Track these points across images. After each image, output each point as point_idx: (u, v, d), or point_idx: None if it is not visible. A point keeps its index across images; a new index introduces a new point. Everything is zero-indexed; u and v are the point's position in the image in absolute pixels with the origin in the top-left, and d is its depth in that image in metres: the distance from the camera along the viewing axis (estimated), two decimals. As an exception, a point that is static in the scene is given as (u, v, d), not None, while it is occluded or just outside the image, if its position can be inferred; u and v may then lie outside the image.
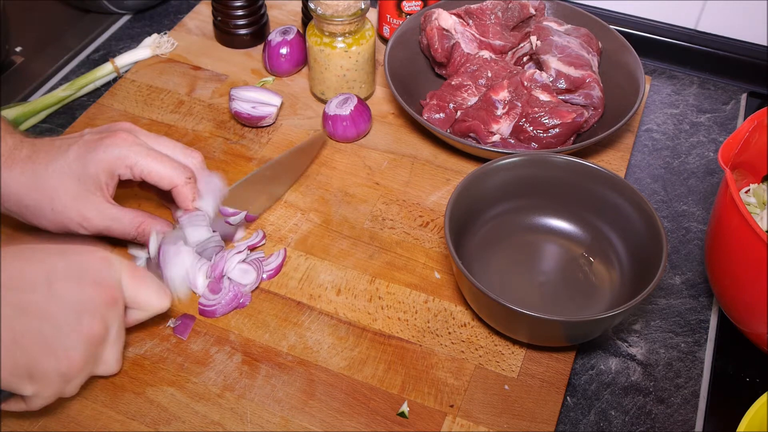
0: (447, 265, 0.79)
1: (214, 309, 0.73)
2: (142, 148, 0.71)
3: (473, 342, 0.73)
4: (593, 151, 0.90)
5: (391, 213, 0.84)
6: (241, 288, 0.74)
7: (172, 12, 1.10)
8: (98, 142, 0.70)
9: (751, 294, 0.65)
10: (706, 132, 0.95)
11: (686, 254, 0.83)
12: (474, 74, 0.91)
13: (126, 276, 0.63)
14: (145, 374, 0.69)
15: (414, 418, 0.67)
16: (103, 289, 0.60)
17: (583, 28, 0.95)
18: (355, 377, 0.70)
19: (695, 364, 0.73)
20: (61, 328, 0.58)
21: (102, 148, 0.70)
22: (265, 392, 0.68)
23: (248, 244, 0.78)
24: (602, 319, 0.66)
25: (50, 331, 0.57)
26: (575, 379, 0.72)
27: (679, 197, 0.88)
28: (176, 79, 0.98)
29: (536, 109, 0.85)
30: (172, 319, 0.73)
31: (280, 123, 0.93)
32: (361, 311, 0.75)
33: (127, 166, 0.71)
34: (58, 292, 0.58)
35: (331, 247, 0.80)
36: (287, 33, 0.97)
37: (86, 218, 0.70)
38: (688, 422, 0.69)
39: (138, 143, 0.71)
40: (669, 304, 0.78)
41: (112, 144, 0.70)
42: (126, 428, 0.66)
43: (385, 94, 0.97)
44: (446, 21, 0.93)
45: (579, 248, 0.79)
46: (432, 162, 0.89)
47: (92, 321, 0.59)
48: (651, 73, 1.03)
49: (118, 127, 0.73)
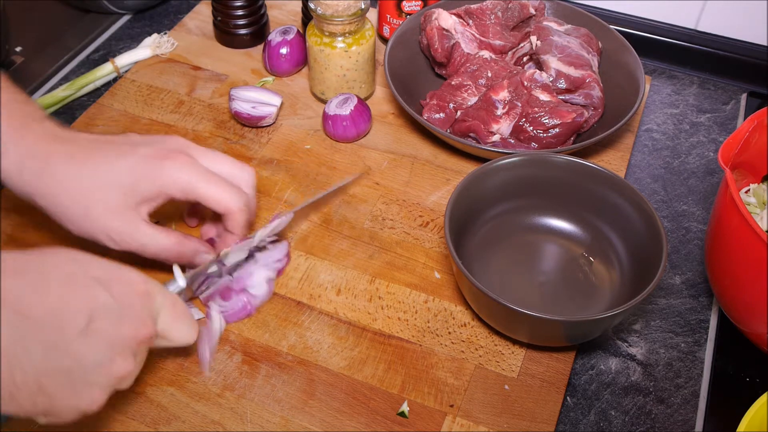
0: (447, 265, 0.79)
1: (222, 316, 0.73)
2: (202, 172, 0.69)
3: (473, 342, 0.73)
4: (593, 151, 0.90)
5: (391, 213, 0.84)
6: (253, 300, 0.74)
7: (172, 12, 1.10)
8: (158, 161, 0.67)
9: (751, 294, 0.65)
10: (706, 132, 0.95)
11: (686, 254, 0.83)
12: (474, 74, 0.91)
13: (165, 312, 0.60)
14: (145, 374, 0.69)
15: (414, 418, 0.67)
16: (140, 329, 0.57)
17: (583, 28, 0.95)
18: (355, 377, 0.70)
19: (695, 364, 0.73)
20: (90, 368, 0.54)
21: (163, 169, 0.67)
22: (265, 392, 0.68)
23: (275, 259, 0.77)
24: (602, 319, 0.66)
25: (78, 371, 0.54)
26: (575, 379, 0.72)
27: (679, 197, 0.88)
28: (176, 79, 0.98)
29: (536, 109, 0.85)
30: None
31: (280, 123, 0.93)
32: (361, 311, 0.75)
33: (182, 189, 0.68)
34: (95, 330, 0.54)
35: (331, 247, 0.80)
36: (287, 33, 0.97)
37: (120, 232, 0.68)
38: (688, 422, 0.69)
39: (197, 167, 0.69)
40: (669, 304, 0.78)
41: (172, 167, 0.67)
42: (126, 428, 0.66)
43: (385, 94, 0.97)
44: (446, 21, 0.93)
45: (579, 248, 0.79)
46: (432, 162, 0.89)
47: (125, 361, 0.56)
48: (651, 73, 1.03)
49: (175, 146, 0.69)
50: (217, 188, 0.69)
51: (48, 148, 0.66)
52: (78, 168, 0.66)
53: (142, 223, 0.69)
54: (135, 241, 0.69)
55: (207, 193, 0.69)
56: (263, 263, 0.76)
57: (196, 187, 0.68)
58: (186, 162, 0.68)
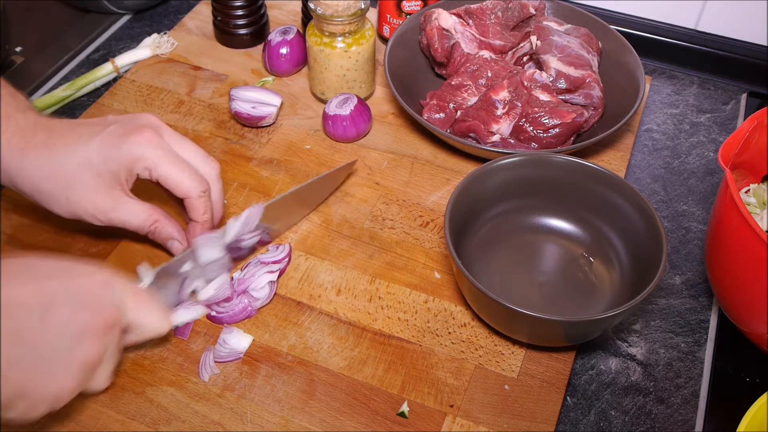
0: (447, 265, 0.79)
1: (222, 317, 0.73)
2: (165, 151, 0.70)
3: (473, 342, 0.73)
4: (593, 151, 0.90)
5: (391, 213, 0.84)
6: (254, 302, 0.74)
7: (172, 12, 1.10)
8: (122, 138, 0.69)
9: (751, 294, 0.65)
10: (706, 132, 0.95)
11: (686, 254, 0.83)
12: (474, 74, 0.91)
13: (128, 299, 0.61)
14: (145, 374, 0.69)
15: (414, 418, 0.67)
16: (101, 315, 0.58)
17: (583, 28, 0.95)
18: (355, 377, 0.70)
19: (695, 364, 0.73)
20: (56, 354, 0.56)
21: (126, 145, 0.68)
22: (265, 392, 0.68)
23: (274, 260, 0.77)
24: (602, 319, 0.66)
25: (45, 358, 0.55)
26: (575, 379, 0.72)
27: (679, 197, 0.88)
28: (176, 79, 0.98)
29: (536, 109, 0.85)
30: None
31: (280, 123, 0.93)
32: (361, 311, 0.75)
33: (147, 167, 0.69)
34: (55, 318, 0.56)
35: (331, 247, 0.80)
36: (287, 33, 0.97)
37: (102, 211, 0.69)
38: (688, 422, 0.69)
39: (162, 146, 0.70)
40: (669, 304, 0.78)
41: (136, 142, 0.68)
42: (126, 428, 0.66)
43: (385, 94, 0.97)
44: (446, 21, 0.93)
45: (579, 248, 0.79)
46: (432, 162, 0.89)
47: (89, 347, 0.58)
48: (651, 73, 1.03)
49: (145, 122, 0.71)
50: (176, 170, 0.70)
51: (27, 136, 0.68)
52: (54, 152, 0.68)
53: (123, 198, 0.70)
54: (116, 216, 0.70)
55: (167, 173, 0.70)
56: (270, 269, 0.76)
57: (157, 164, 0.69)
58: (151, 138, 0.69)
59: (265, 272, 0.75)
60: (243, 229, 0.74)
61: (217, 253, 0.73)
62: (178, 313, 0.72)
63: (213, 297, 0.73)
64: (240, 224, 0.74)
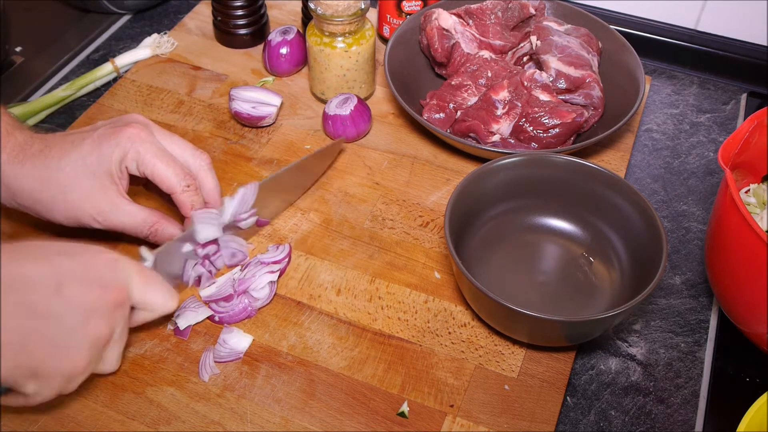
0: (447, 265, 0.79)
1: (222, 317, 0.73)
2: (152, 145, 0.71)
3: (473, 342, 0.73)
4: (593, 151, 0.91)
5: (391, 213, 0.84)
6: (253, 302, 0.74)
7: (172, 12, 1.10)
8: (111, 135, 0.70)
9: (751, 294, 0.65)
10: (706, 132, 0.95)
11: (686, 254, 0.83)
12: (474, 74, 0.91)
13: (135, 277, 0.62)
14: (145, 374, 0.69)
15: (414, 418, 0.67)
16: (110, 291, 0.60)
17: (583, 28, 0.95)
18: (355, 377, 0.70)
19: (695, 364, 0.73)
20: (67, 329, 0.57)
21: (115, 140, 0.69)
22: (265, 392, 0.68)
23: (274, 260, 0.77)
24: (602, 319, 0.66)
25: (56, 333, 0.57)
26: (575, 379, 0.72)
27: (679, 197, 0.88)
28: (176, 79, 0.98)
29: (536, 109, 0.85)
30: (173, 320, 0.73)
31: (280, 123, 0.93)
32: (361, 311, 0.75)
33: (134, 159, 0.70)
34: (65, 293, 0.57)
35: (331, 247, 0.80)
36: (287, 33, 0.97)
37: (101, 212, 0.70)
38: (688, 422, 0.69)
39: (149, 140, 0.71)
40: (669, 304, 0.78)
41: (125, 136, 0.70)
42: (126, 428, 0.66)
43: (385, 94, 0.97)
44: (446, 21, 0.93)
45: (579, 248, 0.79)
46: (432, 162, 0.89)
47: (98, 323, 0.59)
48: (651, 73, 1.03)
49: (132, 120, 0.72)
50: (162, 163, 0.71)
51: (25, 149, 0.69)
52: (50, 159, 0.69)
53: (120, 200, 0.71)
54: (115, 218, 0.71)
55: (154, 168, 0.70)
56: (270, 269, 0.76)
57: (145, 158, 0.70)
58: (138, 133, 0.70)
59: (266, 272, 0.75)
60: (239, 208, 0.75)
61: (214, 232, 0.74)
62: (184, 316, 0.72)
63: (215, 294, 0.73)
64: (236, 203, 0.75)
